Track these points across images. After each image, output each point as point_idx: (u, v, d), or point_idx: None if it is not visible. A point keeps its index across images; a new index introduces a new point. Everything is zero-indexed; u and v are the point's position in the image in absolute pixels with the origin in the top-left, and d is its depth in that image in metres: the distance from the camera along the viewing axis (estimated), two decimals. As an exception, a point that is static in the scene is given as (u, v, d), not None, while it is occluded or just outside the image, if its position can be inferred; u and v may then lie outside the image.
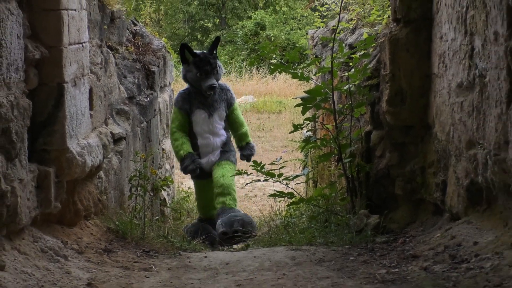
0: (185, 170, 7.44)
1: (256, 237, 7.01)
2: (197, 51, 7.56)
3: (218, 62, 7.54)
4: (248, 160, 7.69)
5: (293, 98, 9.40)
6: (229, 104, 7.70)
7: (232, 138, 7.93)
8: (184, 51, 7.36)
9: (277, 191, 6.29)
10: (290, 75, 6.23)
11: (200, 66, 7.28)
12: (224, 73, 9.15)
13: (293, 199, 6.16)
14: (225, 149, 7.56)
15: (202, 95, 7.43)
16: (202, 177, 7.50)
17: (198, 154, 7.43)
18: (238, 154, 7.99)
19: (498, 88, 3.88)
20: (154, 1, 10.16)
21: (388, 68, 5.43)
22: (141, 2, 9.10)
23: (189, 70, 7.37)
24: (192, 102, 7.45)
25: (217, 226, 7.07)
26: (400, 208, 5.52)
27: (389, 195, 5.60)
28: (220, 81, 7.69)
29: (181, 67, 7.68)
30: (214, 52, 7.58)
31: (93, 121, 5.32)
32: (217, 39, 7.91)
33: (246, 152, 7.75)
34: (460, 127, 4.54)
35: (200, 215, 7.83)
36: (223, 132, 7.60)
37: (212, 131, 7.47)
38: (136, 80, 7.09)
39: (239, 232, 6.84)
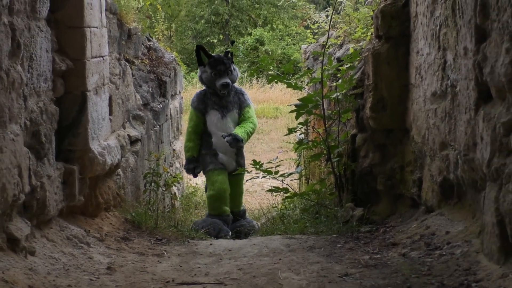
0: (186, 171, 7.33)
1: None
2: (213, 54, 7.25)
3: (233, 64, 7.12)
4: (231, 145, 6.89)
5: (288, 105, 9.36)
6: (242, 107, 7.16)
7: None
8: (199, 53, 7.02)
9: (274, 187, 6.31)
10: (285, 85, 6.25)
11: (214, 66, 6.90)
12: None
13: (288, 194, 6.18)
14: (238, 158, 7.14)
15: (217, 96, 7.00)
16: (219, 166, 7.06)
17: (214, 150, 7.00)
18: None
19: (467, 97, 3.89)
20: (166, 20, 10.15)
21: (371, 79, 5.45)
22: (154, 21, 9.10)
23: (204, 70, 6.99)
24: (207, 102, 7.04)
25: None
26: (382, 201, 5.53)
27: (372, 190, 5.61)
28: (235, 85, 7.32)
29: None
30: (229, 55, 7.15)
31: (112, 125, 5.32)
32: (232, 43, 7.61)
33: (229, 138, 6.82)
34: (434, 131, 4.55)
35: (210, 211, 7.03)
36: None
37: (225, 131, 6.93)
38: (150, 89, 7.09)
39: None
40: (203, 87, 7.26)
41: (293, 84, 6.21)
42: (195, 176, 7.36)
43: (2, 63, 3.49)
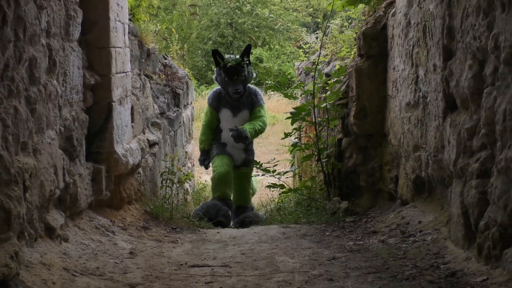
0: (199, 162, 6.94)
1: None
2: (228, 56, 6.59)
3: (248, 68, 6.45)
4: (235, 139, 6.42)
5: (284, 113, 9.33)
6: (255, 107, 6.54)
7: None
8: (215, 57, 6.46)
9: (272, 183, 6.33)
10: (282, 96, 6.28)
11: (228, 72, 6.32)
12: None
13: (284, 189, 6.20)
14: (247, 151, 6.71)
15: (231, 97, 6.48)
16: (226, 153, 6.61)
17: (224, 144, 6.57)
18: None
19: (436, 106, 3.90)
20: (179, 41, 10.22)
21: (355, 91, 5.46)
22: (169, 42, 9.13)
23: (219, 74, 6.45)
24: (221, 100, 6.53)
25: (234, 223, 6.43)
26: (364, 196, 5.54)
27: (355, 186, 5.62)
28: (250, 85, 6.68)
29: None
30: (245, 59, 6.46)
31: (133, 131, 5.33)
32: (249, 46, 6.61)
33: (235, 133, 6.33)
34: (408, 135, 4.57)
35: (214, 194, 6.58)
36: None
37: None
38: (166, 100, 7.09)
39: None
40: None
41: (288, 94, 6.24)
42: (206, 167, 6.94)
43: (40, 78, 3.51)
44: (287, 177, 7.45)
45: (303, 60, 9.97)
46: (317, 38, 7.68)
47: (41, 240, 3.51)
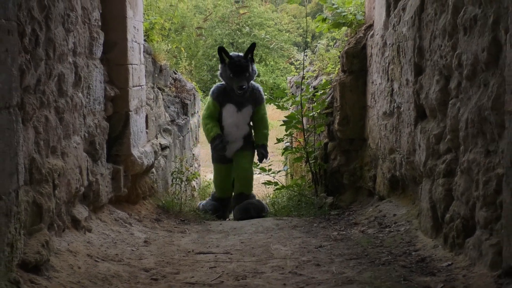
0: (215, 149, 5.88)
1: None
2: (233, 54, 5.84)
3: (252, 65, 5.77)
4: (261, 160, 6.00)
5: (278, 121, 9.32)
6: (257, 103, 5.87)
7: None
8: (221, 54, 5.74)
9: (267, 181, 6.33)
10: (276, 106, 6.27)
11: (233, 69, 5.62)
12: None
13: (278, 186, 6.19)
14: (247, 139, 5.91)
15: (235, 92, 5.74)
16: (223, 162, 5.90)
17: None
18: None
19: (408, 115, 3.92)
20: (188, 58, 10.26)
21: (339, 102, 5.47)
22: (179, 59, 9.15)
23: (224, 70, 5.73)
24: (225, 96, 5.80)
25: (235, 211, 5.78)
26: (346, 192, 5.54)
27: (339, 184, 5.63)
28: (252, 82, 5.95)
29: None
30: (249, 56, 5.77)
31: (148, 136, 5.34)
32: (253, 45, 5.88)
33: (262, 152, 5.85)
34: (384, 140, 4.58)
35: (215, 193, 6.11)
36: (246, 126, 5.87)
37: (238, 124, 5.79)
38: (176, 109, 7.09)
39: (254, 217, 5.56)
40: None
41: (280, 105, 6.25)
42: (225, 150, 5.82)
43: (68, 91, 3.52)
44: (280, 176, 7.46)
45: (294, 75, 9.97)
46: (306, 56, 7.67)
47: (68, 230, 3.52)
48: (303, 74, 6.71)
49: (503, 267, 2.47)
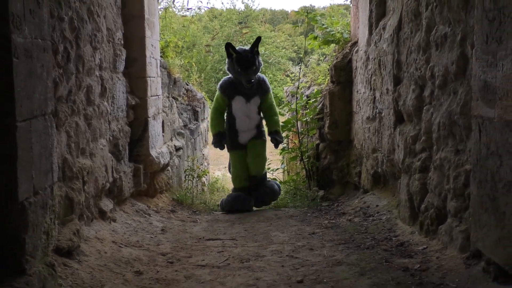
0: (214, 145, 5.37)
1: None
2: (240, 48, 5.20)
3: (258, 58, 5.13)
4: (276, 146, 5.51)
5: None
6: (264, 92, 5.23)
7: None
8: (228, 49, 5.10)
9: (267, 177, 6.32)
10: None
11: (241, 63, 5.01)
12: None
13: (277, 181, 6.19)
14: (259, 128, 5.28)
15: (242, 85, 5.10)
16: (238, 148, 5.24)
17: (236, 131, 5.21)
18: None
19: (388, 119, 3.92)
20: (198, 71, 10.24)
21: (328, 108, 5.47)
22: (190, 72, 9.14)
23: (232, 65, 5.10)
24: (233, 89, 5.17)
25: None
26: (335, 186, 5.53)
27: (329, 179, 5.62)
28: (258, 74, 5.28)
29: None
30: (255, 49, 5.12)
31: (164, 139, 5.34)
32: (258, 38, 5.24)
33: (275, 137, 5.32)
34: (368, 141, 4.58)
35: (235, 185, 5.40)
36: (257, 116, 5.24)
37: (248, 114, 5.18)
38: (188, 116, 7.09)
39: (268, 203, 5.27)
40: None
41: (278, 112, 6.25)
42: (222, 148, 5.37)
43: (95, 100, 3.53)
44: (278, 173, 7.46)
45: (290, 85, 9.97)
46: (300, 69, 7.68)
47: (95, 220, 3.53)
48: (298, 85, 6.71)
49: (471, 250, 2.47)
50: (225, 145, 5.34)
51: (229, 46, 5.13)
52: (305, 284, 2.61)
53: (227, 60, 5.24)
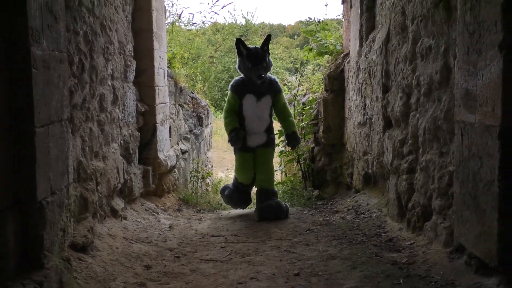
0: (231, 142, 4.54)
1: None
2: (250, 46, 4.63)
3: (268, 56, 4.55)
4: (293, 148, 4.94)
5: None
6: (275, 93, 4.57)
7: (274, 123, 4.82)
8: (239, 46, 4.52)
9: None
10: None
11: (251, 58, 4.43)
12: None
13: (275, 183, 6.16)
14: (269, 133, 4.58)
15: (253, 83, 4.49)
16: (246, 150, 4.53)
17: (245, 131, 4.51)
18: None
19: (378, 125, 3.92)
20: (202, 81, 10.23)
21: (322, 114, 5.48)
22: (195, 82, 9.14)
23: (242, 61, 4.50)
24: (244, 88, 4.52)
25: (256, 211, 4.42)
26: (329, 186, 5.54)
27: (324, 180, 5.62)
28: (269, 74, 4.63)
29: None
30: (265, 48, 4.56)
31: (171, 143, 5.34)
32: (269, 36, 4.64)
33: (292, 141, 4.65)
34: (359, 145, 4.58)
35: (238, 180, 4.70)
36: (267, 117, 4.56)
37: (258, 115, 4.50)
38: (193, 122, 7.09)
39: (272, 219, 4.24)
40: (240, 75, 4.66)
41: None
42: (239, 143, 4.50)
43: (107, 107, 3.53)
44: (277, 174, 7.45)
45: (287, 93, 9.96)
46: (296, 78, 7.69)
47: (108, 218, 3.53)
48: (294, 93, 6.71)
49: (454, 244, 2.47)
50: (242, 134, 4.49)
51: (239, 42, 4.56)
52: (301, 277, 2.61)
53: (238, 58, 4.60)
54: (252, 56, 4.51)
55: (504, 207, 1.98)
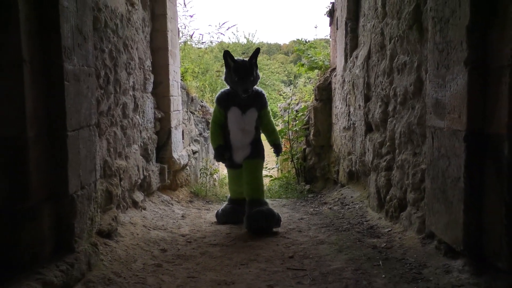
0: (216, 159, 3.75)
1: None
2: (238, 58, 3.66)
3: (256, 70, 3.62)
4: (277, 155, 3.92)
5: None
6: (261, 107, 3.68)
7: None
8: (227, 58, 3.59)
9: (265, 175, 6.30)
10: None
11: (239, 72, 3.54)
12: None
13: (272, 178, 6.18)
14: (255, 145, 3.66)
15: (239, 96, 3.59)
16: (234, 167, 3.72)
17: (230, 147, 3.63)
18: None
19: (360, 129, 3.91)
20: (210, 91, 10.27)
21: (313, 120, 5.46)
22: (204, 92, 9.13)
23: (229, 74, 3.60)
24: (229, 100, 3.63)
25: (245, 219, 3.41)
26: (319, 181, 5.53)
27: (314, 176, 5.61)
28: (256, 87, 3.71)
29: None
30: (253, 61, 3.60)
31: (183, 144, 5.33)
32: (257, 50, 3.71)
33: (277, 150, 3.80)
34: (344, 146, 4.57)
35: (230, 196, 3.89)
36: (253, 129, 3.64)
37: (243, 128, 3.60)
38: (202, 126, 7.07)
39: (264, 226, 3.31)
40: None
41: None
42: (224, 161, 3.72)
43: (129, 114, 3.52)
44: (274, 171, 7.45)
45: (282, 102, 9.96)
46: (290, 89, 7.68)
47: (130, 209, 3.52)
48: (289, 102, 6.70)
49: (426, 232, 2.47)
50: (227, 155, 3.70)
51: (227, 54, 3.64)
52: (295, 259, 2.60)
53: (224, 70, 3.73)
54: (239, 69, 3.65)
55: (468, 200, 1.97)
